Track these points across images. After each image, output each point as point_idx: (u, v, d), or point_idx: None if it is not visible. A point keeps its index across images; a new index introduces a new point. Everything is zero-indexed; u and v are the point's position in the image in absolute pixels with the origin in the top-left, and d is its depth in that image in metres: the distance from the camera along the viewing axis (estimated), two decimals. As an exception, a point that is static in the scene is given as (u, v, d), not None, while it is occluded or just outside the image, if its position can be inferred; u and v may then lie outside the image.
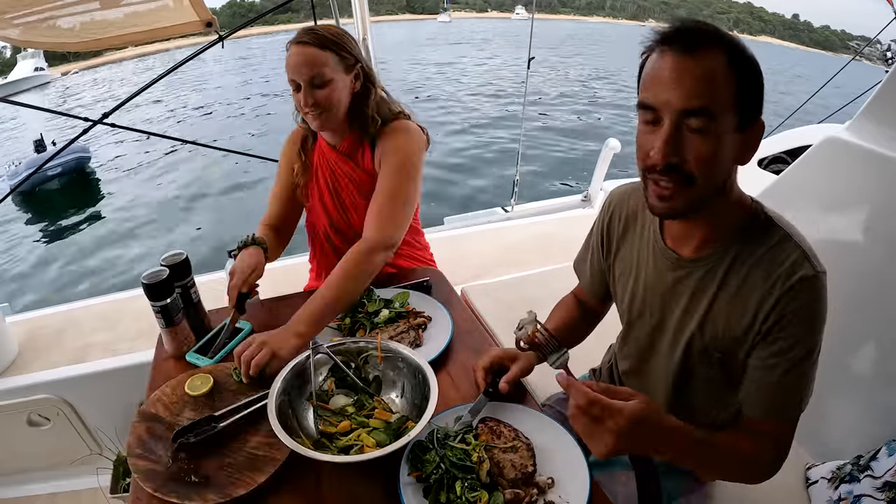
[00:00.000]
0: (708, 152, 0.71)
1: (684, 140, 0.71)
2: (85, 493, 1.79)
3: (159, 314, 1.09)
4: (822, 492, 1.10)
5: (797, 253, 0.75)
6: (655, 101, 0.72)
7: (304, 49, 1.20)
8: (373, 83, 1.32)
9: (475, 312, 1.69)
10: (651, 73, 0.73)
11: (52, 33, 1.57)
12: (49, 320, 2.01)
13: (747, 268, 0.78)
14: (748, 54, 0.71)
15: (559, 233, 2.61)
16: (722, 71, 0.69)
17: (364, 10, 1.96)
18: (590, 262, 1.08)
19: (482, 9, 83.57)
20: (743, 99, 0.70)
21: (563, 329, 1.12)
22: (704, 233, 0.82)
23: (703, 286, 0.83)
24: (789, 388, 0.77)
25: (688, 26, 0.72)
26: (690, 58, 0.69)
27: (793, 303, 0.74)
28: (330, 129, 1.34)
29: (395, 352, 1.01)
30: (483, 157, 11.17)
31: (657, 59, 0.72)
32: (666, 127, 0.71)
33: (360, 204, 1.40)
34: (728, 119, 0.70)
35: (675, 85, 0.70)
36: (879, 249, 1.22)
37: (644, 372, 1.01)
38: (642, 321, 0.96)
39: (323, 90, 1.22)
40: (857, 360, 1.22)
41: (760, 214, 0.80)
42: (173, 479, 0.85)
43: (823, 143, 1.40)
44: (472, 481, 0.81)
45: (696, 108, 0.69)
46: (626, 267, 0.97)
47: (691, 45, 0.70)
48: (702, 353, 0.86)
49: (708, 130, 0.70)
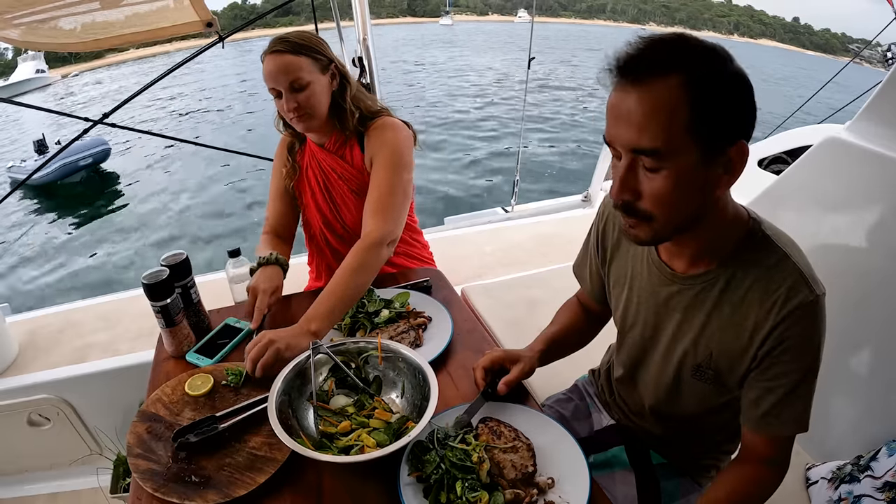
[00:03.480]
0: (662, 190, 0.67)
1: (640, 177, 0.68)
2: (85, 493, 1.79)
3: (159, 314, 1.09)
4: (821, 492, 1.10)
5: (795, 276, 0.72)
6: (609, 137, 0.69)
7: (280, 57, 1.24)
8: (348, 80, 1.35)
9: (475, 312, 1.69)
10: (607, 105, 0.68)
11: (52, 34, 1.58)
12: (49, 320, 2.01)
13: (744, 289, 0.75)
14: (724, 72, 0.64)
15: (559, 233, 2.61)
16: (674, 102, 0.62)
17: (364, 12, 1.96)
18: (588, 267, 1.07)
19: (483, 12, 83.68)
20: (705, 128, 0.63)
21: (566, 332, 1.12)
22: (695, 249, 0.79)
23: (697, 304, 0.81)
24: (788, 409, 0.76)
25: (636, 53, 0.65)
26: (636, 90, 0.63)
27: (791, 329, 0.72)
28: (315, 130, 1.37)
29: (395, 352, 1.01)
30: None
31: (611, 90, 0.67)
32: (621, 165, 0.69)
33: (350, 200, 1.42)
34: (686, 153, 0.64)
35: (621, 121, 0.66)
36: (879, 250, 1.22)
37: (635, 381, 1.00)
38: (634, 332, 0.94)
39: (303, 93, 1.25)
40: (857, 360, 1.22)
41: (758, 232, 0.76)
42: (173, 479, 0.85)
43: (823, 143, 1.40)
44: (472, 481, 0.81)
45: (645, 147, 0.65)
46: (619, 276, 0.95)
47: (638, 75, 0.63)
48: (694, 370, 0.85)
49: (660, 169, 0.66)
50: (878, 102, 1.35)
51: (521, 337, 1.24)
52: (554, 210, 2.98)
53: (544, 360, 1.05)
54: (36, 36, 1.54)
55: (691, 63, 0.63)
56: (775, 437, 0.79)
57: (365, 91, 1.41)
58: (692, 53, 0.64)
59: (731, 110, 0.65)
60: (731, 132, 0.65)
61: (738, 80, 0.65)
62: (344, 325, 1.19)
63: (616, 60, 0.66)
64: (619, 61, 0.65)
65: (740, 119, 0.66)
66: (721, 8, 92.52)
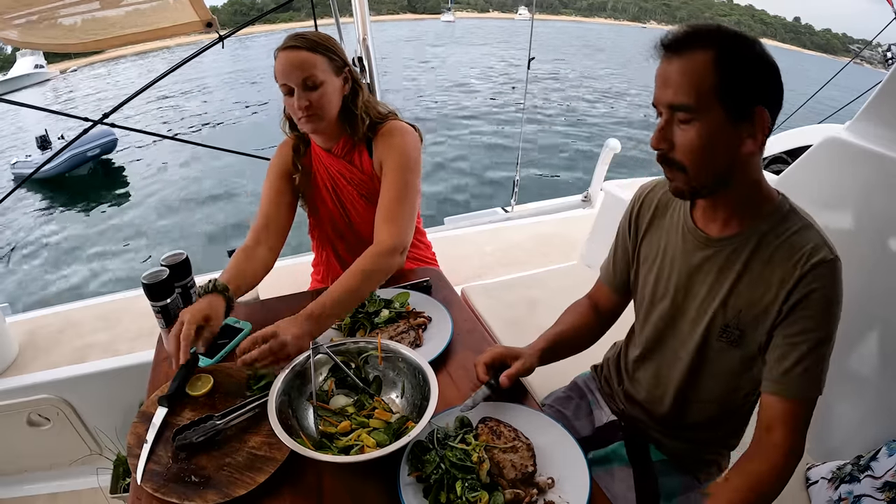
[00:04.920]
0: (692, 142, 0.78)
1: (675, 132, 0.80)
2: (85, 493, 1.79)
3: (159, 314, 1.09)
4: (821, 492, 1.10)
5: (818, 239, 0.81)
6: (655, 99, 0.81)
7: (295, 53, 1.21)
8: (360, 86, 1.33)
9: (475, 312, 1.69)
10: (656, 74, 0.81)
11: (51, 34, 1.57)
12: (49, 320, 2.01)
13: (771, 249, 0.83)
14: (750, 52, 0.76)
15: (559, 233, 2.61)
16: (704, 69, 0.75)
17: (364, 9, 1.96)
18: (614, 254, 1.12)
19: (483, 9, 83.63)
20: (730, 93, 0.75)
21: (571, 333, 1.12)
22: (728, 213, 0.87)
23: (729, 264, 0.88)
24: (809, 367, 0.81)
25: (680, 31, 0.78)
26: (676, 60, 0.77)
27: (815, 282, 0.79)
28: (322, 133, 1.34)
29: (395, 352, 1.01)
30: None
31: (659, 62, 0.80)
32: (661, 120, 0.81)
33: (360, 205, 1.40)
34: (714, 112, 0.76)
35: (663, 84, 0.79)
36: (879, 250, 1.22)
37: (659, 355, 1.02)
38: (664, 303, 0.98)
39: (315, 92, 1.23)
40: (858, 360, 1.22)
41: (786, 205, 0.86)
42: (173, 479, 0.85)
43: (823, 143, 1.40)
44: (472, 481, 0.81)
45: (679, 103, 0.77)
46: (651, 250, 1.02)
47: (678, 48, 0.77)
48: (722, 331, 0.90)
49: (691, 122, 0.77)
50: (878, 102, 1.35)
51: (521, 337, 1.24)
52: (554, 210, 2.98)
53: (545, 360, 1.05)
54: (35, 36, 1.54)
55: (723, 42, 0.76)
56: (793, 400, 0.82)
57: (372, 96, 1.39)
58: (725, 36, 0.76)
59: (755, 82, 0.76)
60: (753, 100, 0.76)
61: (762, 60, 0.76)
62: (344, 325, 1.19)
63: (664, 38, 0.79)
64: (666, 38, 0.79)
65: (763, 91, 0.77)
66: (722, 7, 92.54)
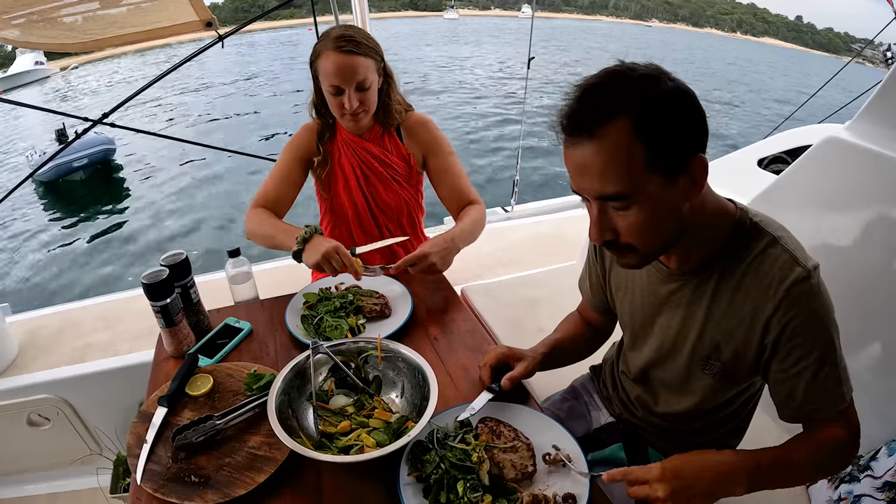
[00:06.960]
0: (638, 224, 0.71)
1: (613, 217, 0.72)
2: (85, 493, 1.79)
3: (159, 314, 1.09)
4: (821, 492, 1.10)
5: (784, 257, 0.73)
6: (575, 188, 0.72)
7: (351, 58, 1.27)
8: (392, 78, 1.40)
9: (475, 312, 1.69)
10: (565, 160, 0.71)
11: (52, 34, 1.58)
12: (49, 320, 2.01)
13: (738, 276, 0.77)
14: (666, 96, 0.65)
15: (559, 233, 2.60)
16: (627, 144, 0.65)
17: (364, 6, 1.96)
18: (589, 278, 1.09)
19: (485, 6, 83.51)
20: (661, 156, 0.66)
21: (570, 341, 1.12)
22: (687, 248, 0.81)
23: (697, 298, 0.83)
24: (823, 386, 0.75)
25: (578, 106, 0.67)
26: (590, 143, 0.66)
27: (791, 310, 0.73)
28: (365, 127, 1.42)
29: (395, 352, 1.01)
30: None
31: (565, 145, 0.70)
32: (593, 210, 0.73)
33: (389, 188, 1.49)
34: (651, 185, 0.67)
35: (581, 173, 0.69)
36: (879, 249, 1.22)
37: (647, 381, 1.01)
38: (641, 333, 0.96)
39: (365, 93, 1.31)
40: (857, 360, 1.22)
41: (746, 221, 0.78)
42: (173, 479, 0.85)
43: (823, 143, 1.40)
44: (473, 482, 0.81)
45: (610, 194, 0.68)
46: (620, 281, 0.98)
47: (586, 128, 0.66)
48: (703, 363, 0.86)
49: (630, 207, 0.69)
50: (878, 102, 1.35)
51: (521, 337, 1.24)
52: (554, 210, 2.97)
53: (545, 366, 1.05)
54: (35, 36, 1.54)
55: (632, 99, 0.65)
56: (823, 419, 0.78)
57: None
58: (630, 88, 0.65)
59: (682, 130, 0.67)
60: (687, 150, 0.68)
61: (679, 97, 0.67)
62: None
63: (563, 118, 0.68)
64: (566, 118, 0.68)
65: (692, 134, 0.68)
66: (724, 6, 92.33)
